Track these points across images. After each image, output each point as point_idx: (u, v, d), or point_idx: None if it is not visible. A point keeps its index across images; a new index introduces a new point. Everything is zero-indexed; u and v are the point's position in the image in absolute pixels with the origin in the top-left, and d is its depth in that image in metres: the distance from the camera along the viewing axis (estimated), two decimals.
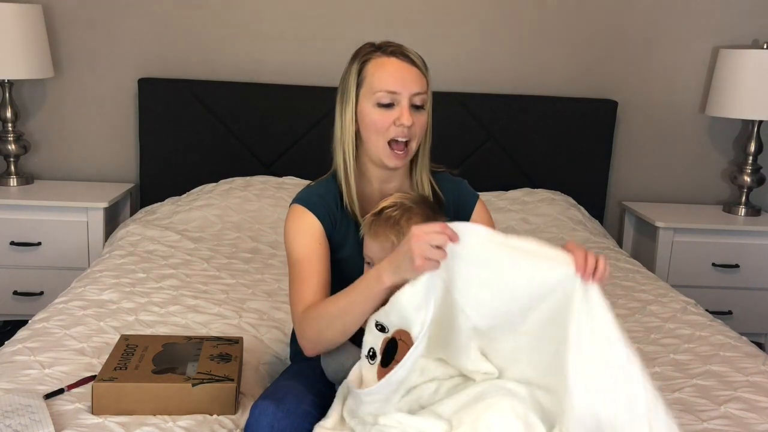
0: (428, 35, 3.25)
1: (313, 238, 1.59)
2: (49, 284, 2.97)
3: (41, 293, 2.99)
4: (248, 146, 3.23)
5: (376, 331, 1.32)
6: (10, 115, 3.09)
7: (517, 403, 1.30)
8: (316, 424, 1.42)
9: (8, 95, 3.09)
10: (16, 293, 2.99)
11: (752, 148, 3.29)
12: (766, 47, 3.16)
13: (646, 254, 3.27)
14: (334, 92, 1.66)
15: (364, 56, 1.60)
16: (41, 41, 3.03)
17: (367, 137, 1.60)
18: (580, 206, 3.23)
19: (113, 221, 3.14)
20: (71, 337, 1.91)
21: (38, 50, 3.01)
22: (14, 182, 3.13)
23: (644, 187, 3.49)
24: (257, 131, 3.22)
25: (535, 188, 3.26)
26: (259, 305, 2.24)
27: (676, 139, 3.46)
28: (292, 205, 1.64)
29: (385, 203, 1.54)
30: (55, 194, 3.04)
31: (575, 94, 3.35)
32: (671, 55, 3.38)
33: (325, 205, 1.61)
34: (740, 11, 3.34)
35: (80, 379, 1.68)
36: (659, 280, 2.69)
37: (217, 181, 3.14)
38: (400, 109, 1.56)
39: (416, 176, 1.68)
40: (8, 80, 3.07)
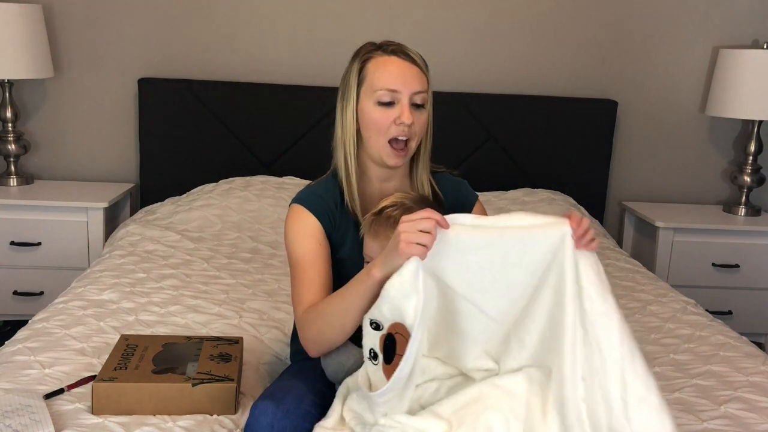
0: (428, 35, 3.25)
1: (313, 238, 1.59)
2: (49, 284, 2.97)
3: (41, 293, 2.99)
4: (248, 146, 3.23)
5: (372, 330, 1.32)
6: (10, 115, 3.10)
7: (517, 403, 1.30)
8: (316, 424, 1.42)
9: (8, 95, 3.09)
10: (16, 293, 2.99)
11: (752, 148, 3.29)
12: (766, 47, 3.16)
13: (646, 254, 3.27)
14: (334, 92, 1.66)
15: (364, 55, 1.60)
16: (41, 41, 3.03)
17: (367, 136, 1.60)
18: (580, 206, 3.23)
19: (113, 221, 3.14)
20: (71, 337, 1.91)
21: (38, 50, 3.01)
22: (14, 182, 3.13)
23: (644, 187, 3.49)
24: (257, 131, 3.22)
25: (535, 188, 3.26)
26: (259, 305, 2.24)
27: (676, 139, 3.45)
28: (291, 205, 1.64)
29: (385, 203, 1.54)
30: (55, 194, 3.04)
31: (575, 94, 3.35)
32: (671, 55, 3.38)
33: (324, 204, 1.61)
34: (740, 11, 3.34)
35: (80, 379, 1.68)
36: (659, 280, 2.69)
37: (217, 181, 3.14)
38: (400, 107, 1.56)
39: (416, 176, 1.68)
40: (8, 80, 3.07)
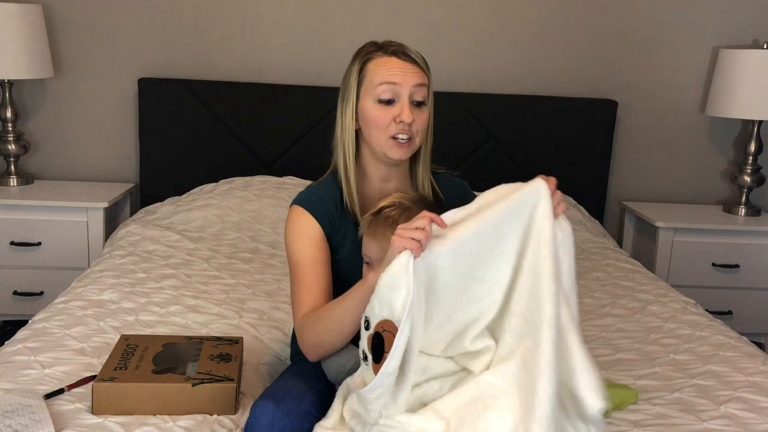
0: (429, 35, 3.25)
1: (312, 241, 1.59)
2: (49, 284, 2.97)
3: (41, 293, 2.99)
4: (248, 146, 3.23)
5: (363, 330, 1.32)
6: (10, 115, 3.09)
7: (516, 402, 1.30)
8: (316, 423, 1.42)
9: (8, 95, 3.09)
10: (16, 293, 2.99)
11: (752, 148, 3.29)
12: (766, 47, 3.16)
13: (646, 254, 3.27)
14: (334, 92, 1.66)
15: (365, 55, 1.60)
16: (41, 41, 3.03)
17: (368, 134, 1.60)
18: (580, 206, 3.23)
19: (113, 221, 3.14)
20: (71, 337, 1.91)
21: (38, 50, 3.01)
22: (14, 182, 3.13)
23: (644, 187, 3.49)
24: (257, 131, 3.22)
25: None
26: (259, 305, 2.24)
27: (676, 139, 3.45)
28: (292, 206, 1.64)
29: (383, 203, 1.54)
30: (55, 194, 3.04)
31: (575, 94, 3.35)
32: (671, 55, 3.38)
33: (324, 205, 1.61)
34: (740, 11, 3.34)
35: (80, 379, 1.68)
36: (659, 280, 2.69)
37: (217, 181, 3.14)
38: (400, 105, 1.56)
39: (416, 176, 1.68)
40: (8, 80, 3.07)
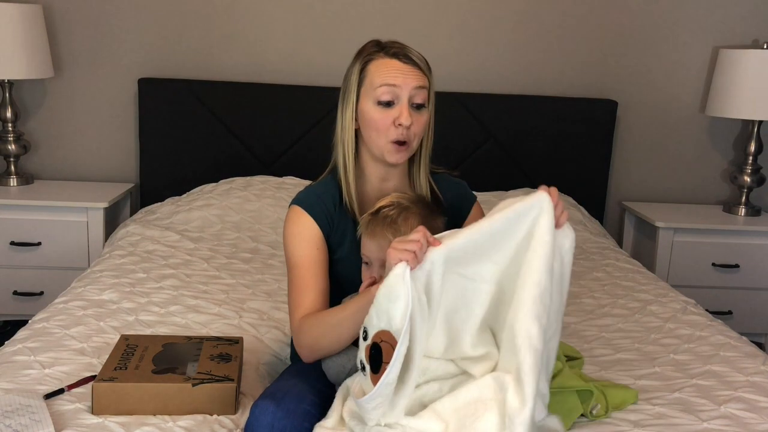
0: (429, 35, 3.25)
1: (311, 242, 1.59)
2: (49, 284, 2.97)
3: (41, 293, 2.99)
4: (248, 146, 3.23)
5: (361, 340, 1.33)
6: (10, 115, 3.09)
7: (516, 402, 1.30)
8: (316, 423, 1.42)
9: (8, 95, 3.09)
10: (16, 293, 2.99)
11: (752, 148, 3.29)
12: (766, 47, 3.16)
13: (646, 254, 3.27)
14: (334, 92, 1.66)
15: (366, 56, 1.60)
16: (41, 41, 3.02)
17: (367, 135, 1.60)
18: (580, 206, 3.23)
19: (113, 221, 3.14)
20: (71, 337, 1.91)
21: (38, 50, 3.01)
22: (14, 182, 3.13)
23: (644, 187, 3.49)
24: (257, 131, 3.22)
25: (535, 188, 3.24)
26: (259, 305, 2.24)
27: (676, 139, 3.45)
28: (291, 206, 1.64)
29: (382, 203, 1.54)
30: (55, 194, 3.04)
31: (575, 94, 3.35)
32: (671, 55, 3.38)
33: (323, 206, 1.61)
34: (740, 11, 3.34)
35: (80, 379, 1.68)
36: (659, 280, 2.69)
37: (217, 181, 3.14)
38: (399, 108, 1.56)
39: (415, 176, 1.68)
40: (8, 80, 3.07)
